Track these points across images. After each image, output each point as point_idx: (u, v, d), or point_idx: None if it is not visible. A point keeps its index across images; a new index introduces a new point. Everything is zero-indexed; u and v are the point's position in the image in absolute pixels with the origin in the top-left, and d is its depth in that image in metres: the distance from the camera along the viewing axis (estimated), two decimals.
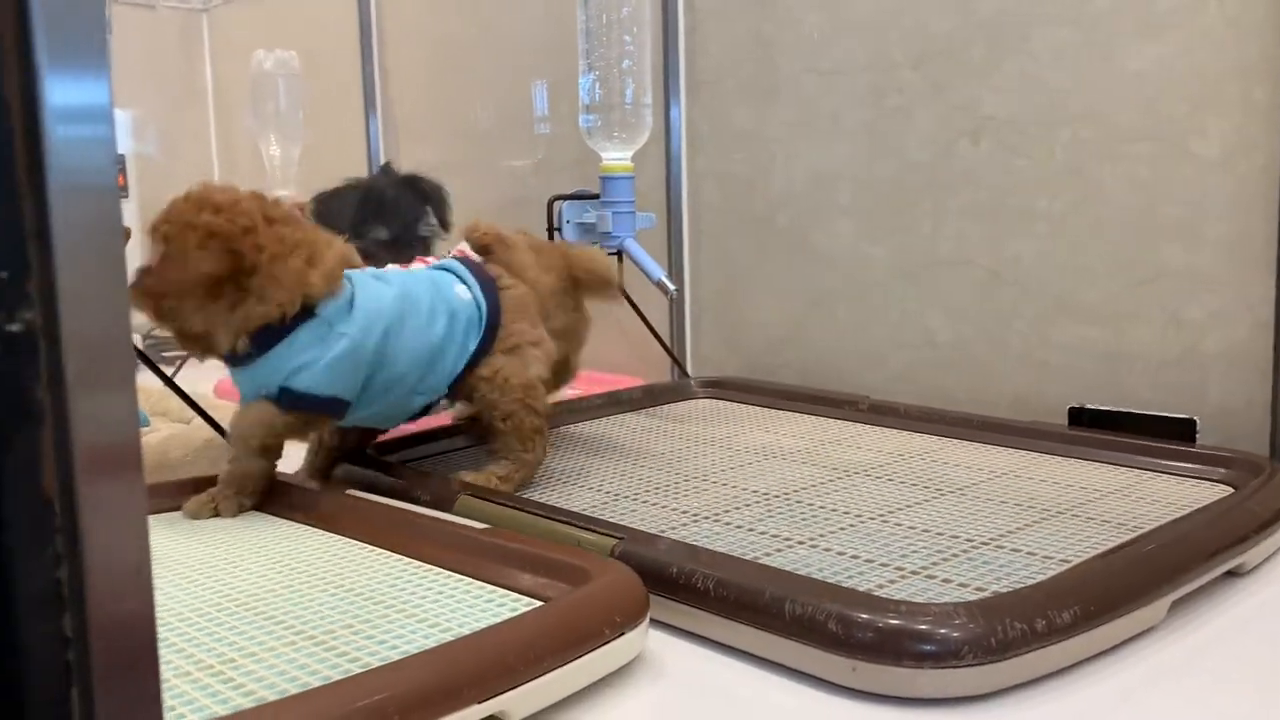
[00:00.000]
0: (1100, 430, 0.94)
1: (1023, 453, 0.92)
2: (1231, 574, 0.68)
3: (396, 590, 0.61)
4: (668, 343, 1.32)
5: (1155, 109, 0.94)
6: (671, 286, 1.05)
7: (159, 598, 0.59)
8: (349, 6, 1.78)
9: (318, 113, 1.88)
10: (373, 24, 1.75)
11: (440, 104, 1.69)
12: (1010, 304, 1.05)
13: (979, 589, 0.61)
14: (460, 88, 1.65)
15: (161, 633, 0.55)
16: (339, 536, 0.72)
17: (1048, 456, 0.91)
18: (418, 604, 0.59)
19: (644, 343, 1.26)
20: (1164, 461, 0.86)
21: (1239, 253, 0.91)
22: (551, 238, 1.13)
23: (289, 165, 1.59)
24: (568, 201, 1.11)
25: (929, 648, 0.52)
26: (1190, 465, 0.85)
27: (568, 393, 1.21)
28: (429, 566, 0.65)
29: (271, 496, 0.79)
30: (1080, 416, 0.98)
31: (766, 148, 1.24)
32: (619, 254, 1.11)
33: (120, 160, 1.92)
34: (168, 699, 0.48)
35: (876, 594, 0.59)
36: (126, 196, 1.93)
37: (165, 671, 0.51)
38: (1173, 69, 0.92)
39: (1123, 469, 0.86)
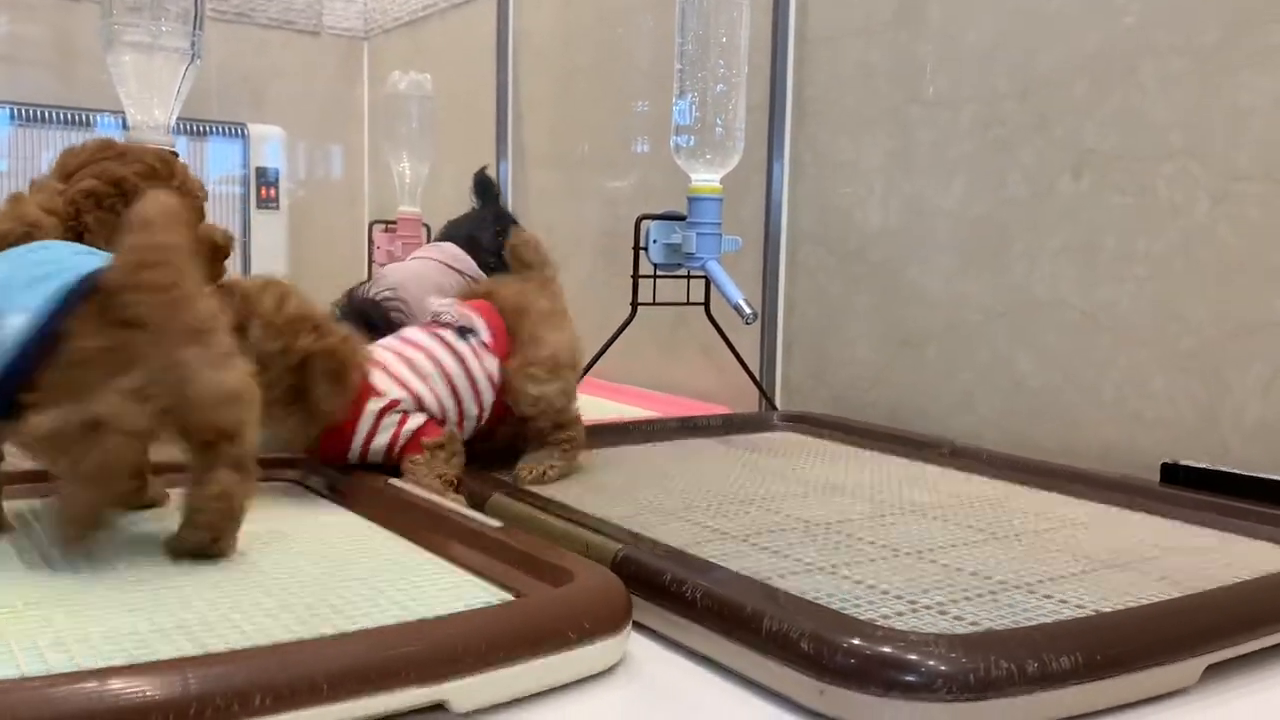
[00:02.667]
0: (1194, 489, 0.87)
1: (1105, 506, 0.86)
2: None
3: (391, 575, 0.62)
4: (759, 372, 1.30)
5: (1267, 146, 0.87)
6: (748, 310, 1.03)
7: (164, 562, 0.61)
8: (492, 36, 1.84)
9: (453, 135, 1.96)
10: (509, 54, 1.81)
11: (563, 130, 1.73)
12: (1105, 350, 0.98)
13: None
14: (583, 115, 1.68)
15: (158, 592, 0.57)
16: (366, 521, 0.74)
17: (1131, 512, 0.84)
18: (402, 588, 0.59)
19: (736, 371, 1.24)
20: (1259, 526, 0.79)
21: None
22: (637, 256, 1.14)
23: (417, 183, 1.66)
24: (656, 222, 1.11)
25: (900, 676, 0.49)
26: None
27: (643, 414, 1.21)
28: (432, 556, 0.66)
29: (316, 477, 0.82)
30: (1174, 473, 0.91)
31: (866, 179, 1.21)
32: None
33: (273, 175, 2.04)
34: (129, 646, 0.50)
35: (877, 622, 0.56)
36: (277, 209, 2.05)
37: (140, 626, 0.53)
38: None
39: (1210, 530, 0.80)
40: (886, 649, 0.50)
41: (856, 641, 0.50)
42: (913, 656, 0.49)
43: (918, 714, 0.49)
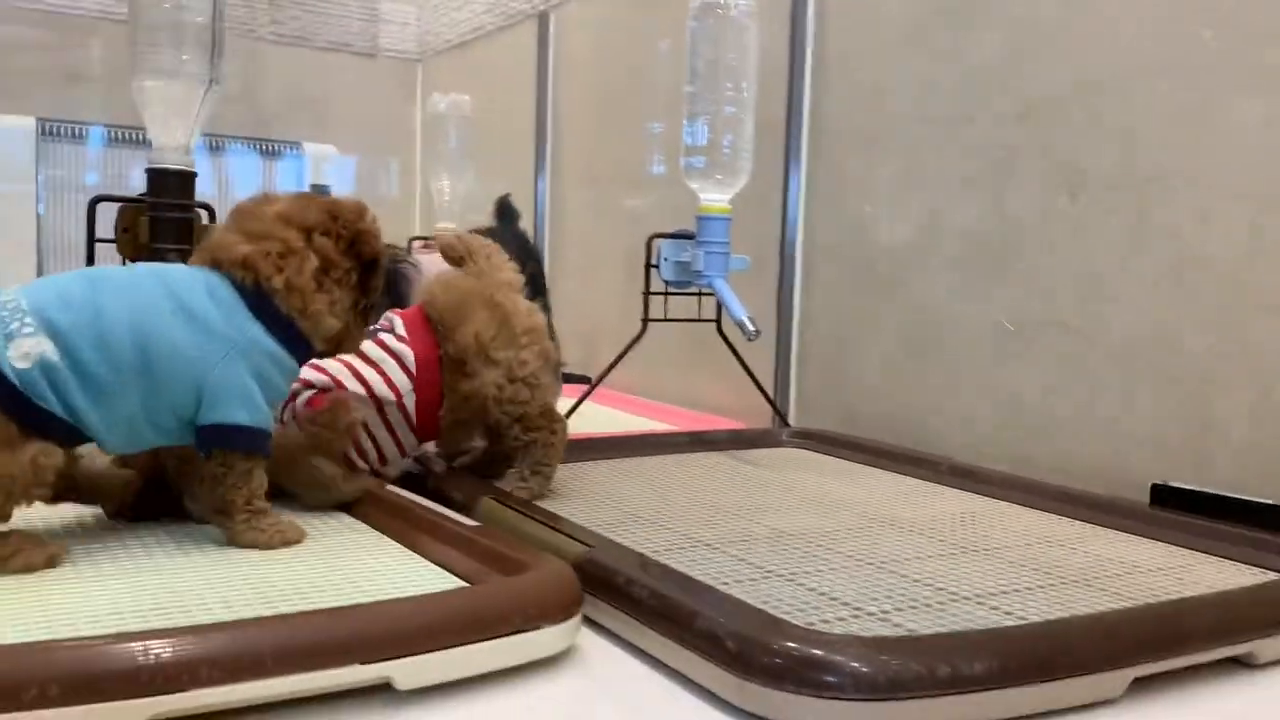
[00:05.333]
0: (1182, 510, 0.87)
1: (1091, 526, 0.87)
2: (1240, 663, 0.62)
3: (361, 565, 0.66)
4: (773, 388, 1.32)
5: (1257, 167, 0.87)
6: (751, 328, 1.05)
7: (172, 550, 0.66)
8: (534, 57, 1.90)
9: (498, 151, 2.01)
10: (549, 75, 1.86)
11: (596, 149, 1.77)
12: (1099, 370, 0.99)
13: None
14: (614, 135, 1.72)
15: (142, 580, 0.62)
16: (352, 519, 0.78)
17: (1115, 532, 0.85)
18: (368, 577, 0.63)
19: (754, 387, 1.26)
20: (1236, 547, 0.79)
21: None
22: (648, 274, 1.17)
23: (455, 200, 1.71)
24: (667, 240, 1.15)
25: (813, 675, 0.51)
26: (1273, 556, 0.78)
27: (655, 427, 1.24)
28: (405, 549, 0.70)
29: None
30: (1162, 494, 0.91)
31: (878, 197, 1.23)
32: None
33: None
34: (110, 624, 0.54)
35: (816, 626, 0.58)
36: None
37: (123, 605, 0.58)
38: (1278, 125, 0.85)
39: (1189, 551, 0.80)
40: (801, 649, 0.52)
41: (775, 642, 0.53)
42: (825, 656, 0.51)
43: (829, 712, 0.51)
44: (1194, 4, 0.91)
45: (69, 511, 0.78)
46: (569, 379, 1.33)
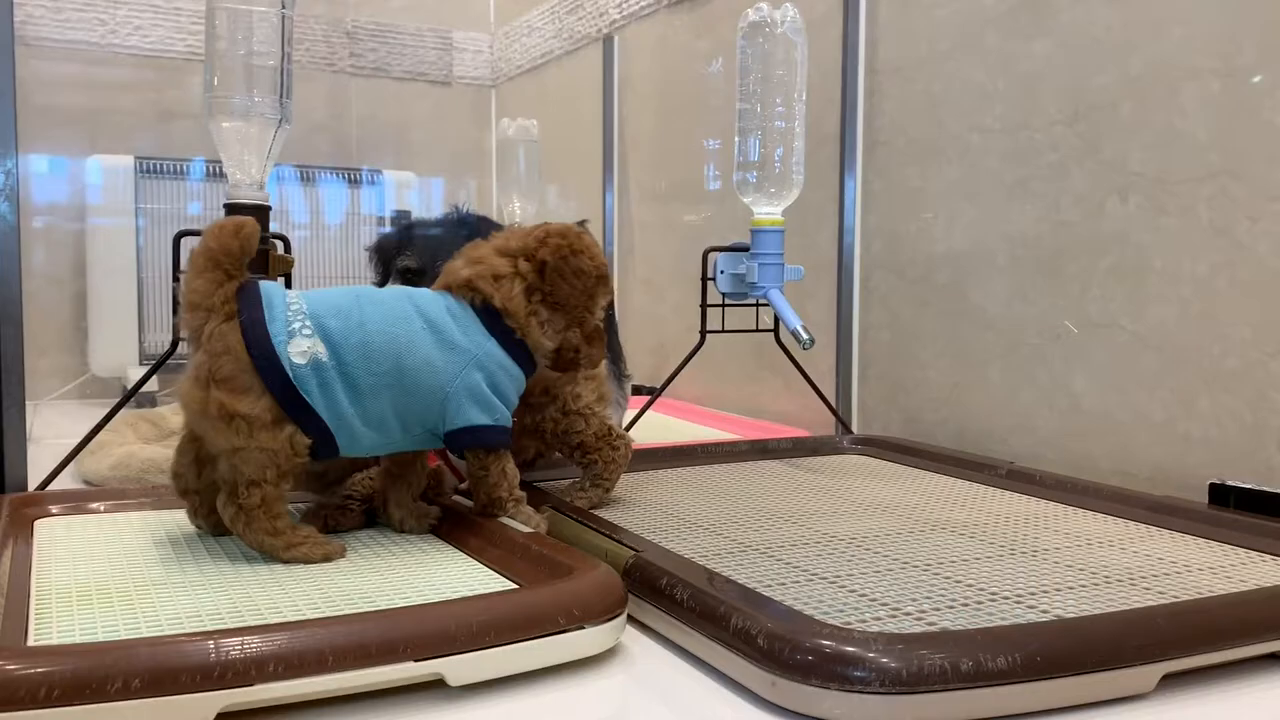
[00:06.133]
0: (1242, 510, 0.87)
1: (1145, 526, 0.87)
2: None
3: (424, 571, 0.70)
4: (835, 396, 1.33)
5: None
6: (805, 336, 1.07)
7: (255, 560, 0.72)
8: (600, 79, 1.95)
9: (569, 171, 2.06)
10: (614, 96, 1.90)
11: (660, 166, 1.81)
12: (1153, 370, 0.98)
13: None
14: (676, 152, 1.75)
15: (223, 586, 0.67)
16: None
17: (1170, 532, 0.85)
18: (429, 581, 0.67)
19: (814, 396, 1.28)
20: None
21: None
22: (704, 286, 1.20)
23: (526, 220, 1.77)
24: (722, 253, 1.17)
25: (839, 670, 0.53)
26: None
27: (718, 436, 1.26)
28: (465, 555, 0.74)
29: None
30: (1221, 493, 0.90)
31: (931, 206, 1.24)
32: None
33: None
34: (188, 625, 0.59)
35: (852, 626, 0.60)
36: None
37: (203, 608, 0.63)
38: None
39: (1245, 551, 0.79)
40: (827, 645, 0.54)
41: (803, 639, 0.55)
42: (850, 651, 0.54)
43: (854, 705, 0.53)
44: (1241, 4, 0.91)
45: (170, 523, 0.84)
46: (637, 390, 1.36)
